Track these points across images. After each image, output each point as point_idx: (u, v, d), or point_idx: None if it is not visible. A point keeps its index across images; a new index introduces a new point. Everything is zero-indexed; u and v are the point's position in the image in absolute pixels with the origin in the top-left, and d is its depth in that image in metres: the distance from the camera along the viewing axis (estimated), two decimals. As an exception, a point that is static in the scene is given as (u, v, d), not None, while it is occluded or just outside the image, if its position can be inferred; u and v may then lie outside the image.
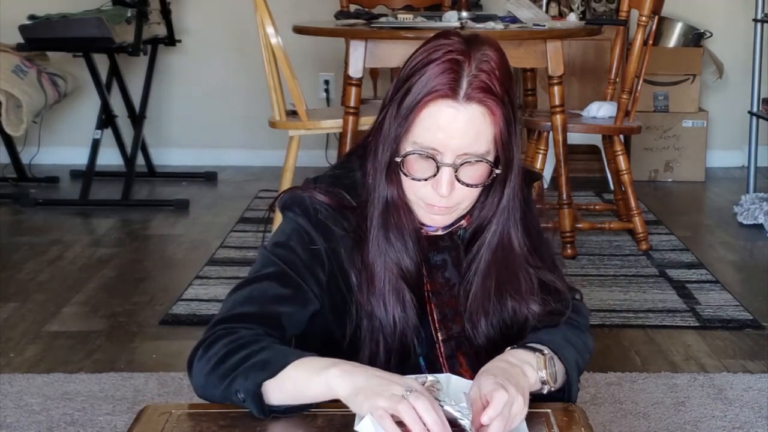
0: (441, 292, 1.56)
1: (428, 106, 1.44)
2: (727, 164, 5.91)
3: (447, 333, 1.55)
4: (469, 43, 1.48)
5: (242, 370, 1.37)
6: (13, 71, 4.83)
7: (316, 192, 1.54)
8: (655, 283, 3.75)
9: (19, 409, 2.66)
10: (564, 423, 1.38)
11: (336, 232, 1.53)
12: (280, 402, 1.36)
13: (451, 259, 1.56)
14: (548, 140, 4.06)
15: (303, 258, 1.51)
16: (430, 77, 1.45)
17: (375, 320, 1.51)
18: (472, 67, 1.45)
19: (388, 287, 1.50)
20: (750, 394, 2.79)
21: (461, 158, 1.45)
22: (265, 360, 1.37)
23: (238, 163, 5.82)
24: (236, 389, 1.37)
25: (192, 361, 1.44)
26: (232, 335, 1.42)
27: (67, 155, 5.74)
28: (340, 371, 1.34)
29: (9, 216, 4.77)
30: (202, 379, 1.42)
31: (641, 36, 4.01)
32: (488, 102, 1.44)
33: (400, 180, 1.50)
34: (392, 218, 1.51)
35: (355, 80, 3.84)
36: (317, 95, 5.76)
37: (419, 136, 1.46)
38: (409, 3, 5.13)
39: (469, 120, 1.44)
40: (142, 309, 3.46)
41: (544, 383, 1.46)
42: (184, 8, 5.76)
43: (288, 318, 1.48)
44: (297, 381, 1.35)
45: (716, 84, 5.79)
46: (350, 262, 1.52)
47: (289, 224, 1.54)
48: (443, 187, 1.46)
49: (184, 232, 4.49)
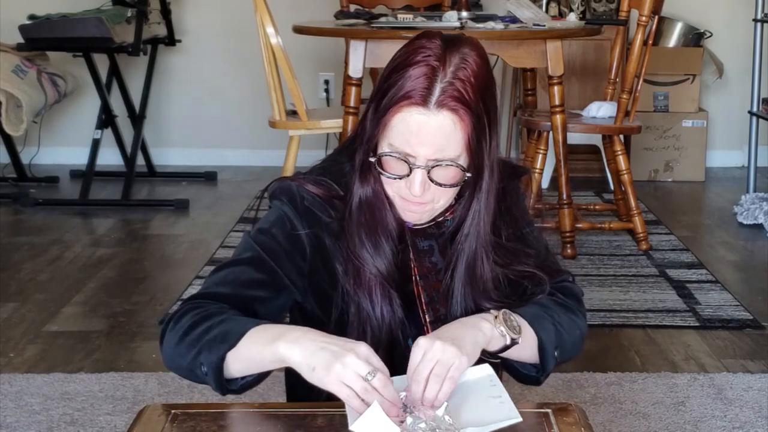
0: (428, 275, 1.58)
1: (401, 111, 1.46)
2: (727, 164, 5.92)
3: (434, 315, 1.58)
4: (449, 46, 1.48)
5: (206, 342, 1.41)
6: (13, 71, 4.83)
7: (304, 181, 1.57)
8: (655, 283, 3.75)
9: (19, 409, 2.66)
10: (564, 423, 1.38)
11: (322, 219, 1.55)
12: (241, 372, 1.40)
13: (438, 245, 1.59)
14: (548, 140, 4.06)
15: (283, 245, 1.54)
16: (405, 81, 1.46)
17: (362, 311, 1.54)
18: (447, 72, 1.46)
19: (374, 281, 1.53)
20: (750, 394, 2.79)
21: (432, 162, 1.47)
22: (226, 331, 1.41)
23: (238, 163, 5.82)
24: (201, 362, 1.40)
25: (164, 333, 1.48)
26: (199, 308, 1.46)
27: (67, 155, 5.74)
28: (288, 342, 1.36)
29: (9, 216, 4.77)
30: (171, 350, 1.46)
31: (641, 36, 4.01)
32: (459, 110, 1.45)
33: (378, 177, 1.52)
34: (364, 217, 1.53)
35: (355, 80, 3.84)
36: (317, 95, 5.76)
37: (393, 139, 1.48)
38: (409, 3, 5.12)
39: (439, 127, 1.45)
40: (142, 309, 3.46)
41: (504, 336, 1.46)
42: (184, 8, 5.76)
43: (260, 302, 1.51)
44: (252, 352, 1.39)
45: (716, 84, 5.79)
46: (336, 250, 1.55)
47: (274, 212, 1.58)
48: (416, 186, 1.48)
49: (184, 232, 4.49)
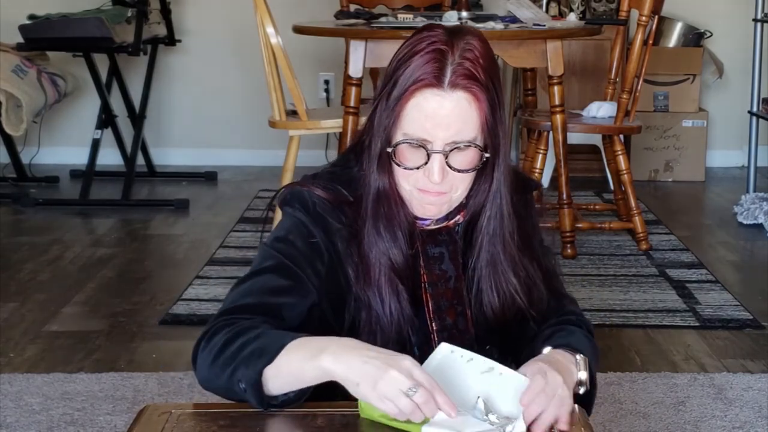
0: (437, 283, 1.57)
1: (415, 95, 1.47)
2: (727, 164, 5.91)
3: (441, 324, 1.57)
4: (452, 34, 1.50)
5: (242, 358, 1.38)
6: (13, 71, 4.83)
7: (314, 187, 1.56)
8: (655, 283, 3.75)
9: (19, 409, 2.66)
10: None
11: (333, 225, 1.55)
12: (280, 389, 1.37)
13: (449, 253, 1.58)
14: (548, 140, 4.06)
15: (302, 251, 1.53)
16: (415, 68, 1.47)
17: (372, 312, 1.53)
18: (456, 55, 1.47)
19: (383, 279, 1.52)
20: (750, 394, 2.79)
21: (450, 145, 1.47)
22: (262, 346, 1.38)
23: (238, 163, 5.81)
24: (238, 379, 1.37)
25: (196, 354, 1.46)
26: (231, 325, 1.44)
27: (67, 155, 5.74)
28: (331, 356, 1.34)
29: (9, 216, 4.77)
30: (206, 371, 1.43)
31: (641, 36, 4.01)
32: (473, 88, 1.46)
33: (393, 171, 1.52)
34: (383, 208, 1.53)
35: (355, 80, 3.84)
36: (317, 95, 5.76)
37: (408, 126, 1.48)
38: (409, 3, 5.12)
39: (455, 107, 1.46)
40: (142, 309, 3.46)
41: (581, 384, 1.47)
42: (184, 8, 5.76)
43: (288, 309, 1.50)
44: (292, 367, 1.36)
45: (716, 84, 5.79)
46: (347, 255, 1.54)
47: (288, 219, 1.57)
48: (435, 173, 1.48)
49: (184, 232, 4.49)
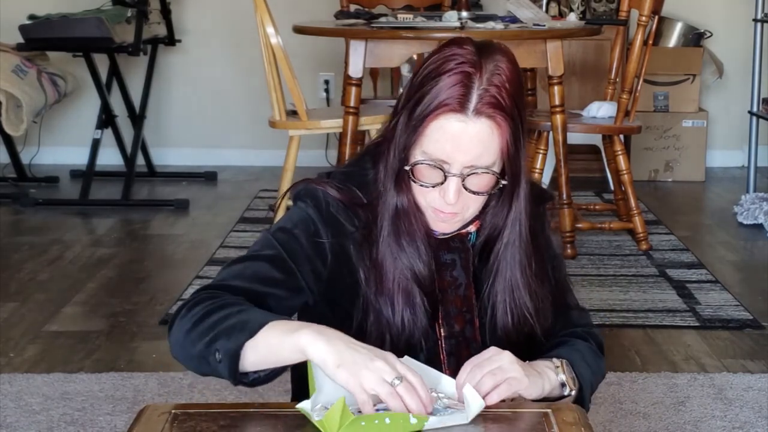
0: (447, 290, 1.57)
1: (438, 118, 1.46)
2: (727, 164, 5.91)
3: (449, 330, 1.56)
4: (481, 53, 1.48)
5: (224, 329, 1.38)
6: (13, 71, 4.83)
7: (329, 186, 1.55)
8: (655, 283, 3.75)
9: (19, 409, 2.66)
10: (564, 423, 1.38)
11: (346, 227, 1.54)
12: (254, 365, 1.37)
13: (461, 260, 1.57)
14: (548, 140, 4.06)
15: (304, 247, 1.52)
16: (441, 89, 1.46)
17: (382, 319, 1.52)
18: (483, 80, 1.45)
19: (397, 289, 1.52)
20: (750, 394, 2.79)
21: (468, 169, 1.47)
22: (246, 320, 1.38)
23: (238, 163, 5.81)
24: (216, 349, 1.38)
25: (174, 320, 1.46)
26: (214, 298, 1.44)
27: (67, 155, 5.74)
28: (312, 332, 1.34)
29: (9, 216, 4.77)
30: (181, 337, 1.43)
31: (641, 36, 4.01)
32: (497, 117, 1.45)
33: (410, 186, 1.51)
34: (403, 225, 1.52)
35: (355, 80, 3.84)
36: (317, 95, 5.76)
37: (428, 147, 1.47)
38: (409, 3, 5.12)
39: (477, 134, 1.45)
40: (142, 309, 3.46)
41: (564, 385, 1.48)
42: (184, 8, 5.76)
43: (275, 300, 1.49)
44: (270, 342, 1.36)
45: (716, 84, 5.79)
46: (359, 258, 1.53)
47: (298, 213, 1.55)
48: (450, 195, 1.47)
49: (184, 232, 4.49)
